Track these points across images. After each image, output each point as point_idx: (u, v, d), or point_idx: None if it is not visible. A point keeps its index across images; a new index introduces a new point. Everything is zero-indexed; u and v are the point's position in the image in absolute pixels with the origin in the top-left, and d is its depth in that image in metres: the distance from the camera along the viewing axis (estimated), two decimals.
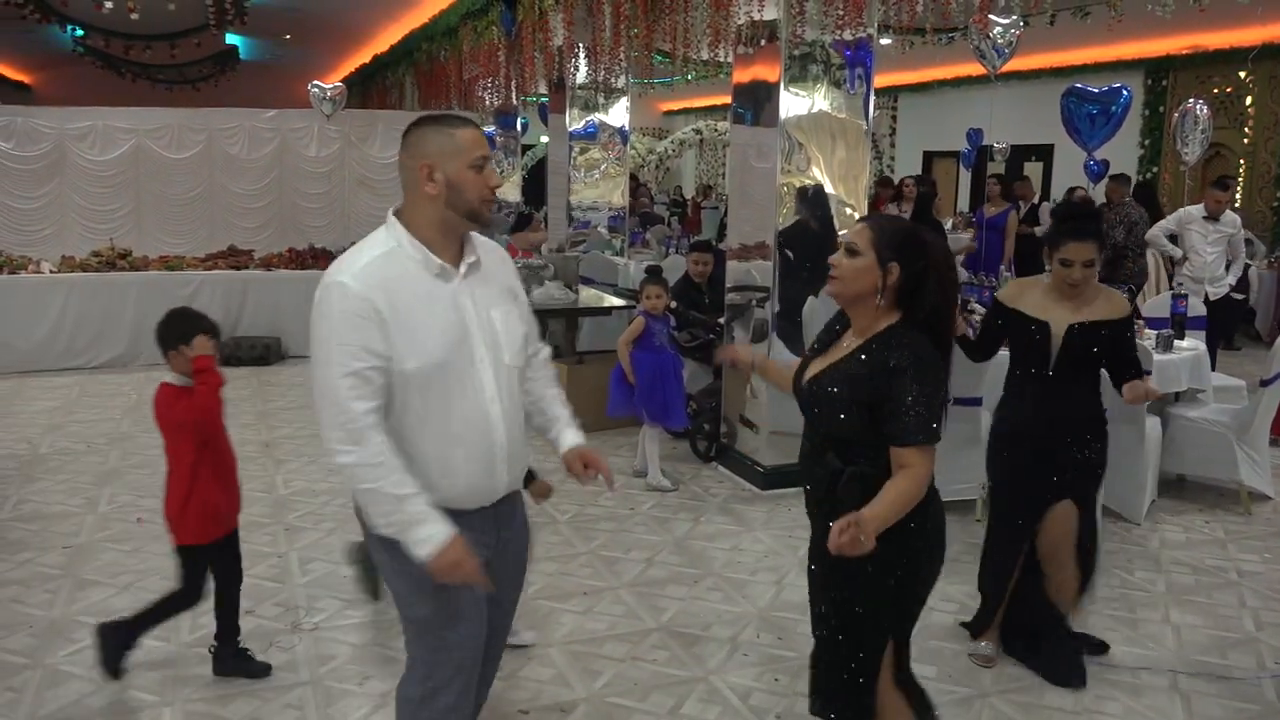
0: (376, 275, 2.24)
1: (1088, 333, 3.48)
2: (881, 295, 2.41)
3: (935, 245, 2.43)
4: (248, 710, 3.38)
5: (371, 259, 2.27)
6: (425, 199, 2.30)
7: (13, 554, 4.69)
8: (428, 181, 2.28)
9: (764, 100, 5.79)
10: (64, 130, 9.95)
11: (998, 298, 3.77)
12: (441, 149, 2.28)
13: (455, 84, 12.50)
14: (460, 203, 2.30)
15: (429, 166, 2.28)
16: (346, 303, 2.21)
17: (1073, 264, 3.46)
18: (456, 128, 2.32)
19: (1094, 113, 8.22)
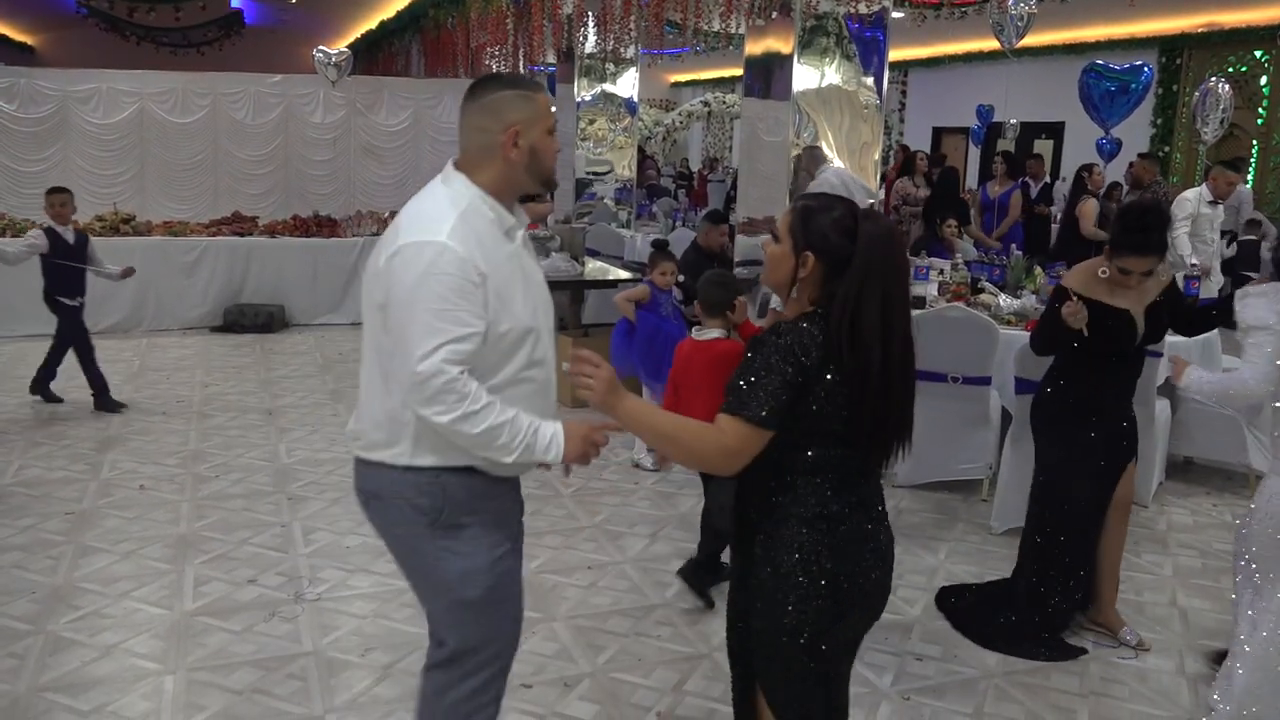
0: (470, 235, 2.17)
1: (1159, 310, 3.70)
2: (794, 288, 2.10)
3: (870, 235, 2.03)
4: (250, 679, 3.37)
5: (458, 215, 2.19)
6: (504, 162, 2.26)
7: (15, 520, 4.67)
8: (512, 147, 2.25)
9: (776, 73, 5.72)
10: (67, 93, 9.87)
11: (1068, 287, 3.67)
12: (527, 115, 2.26)
13: (462, 52, 12.38)
14: (539, 168, 2.30)
15: (516, 132, 2.24)
16: (447, 263, 2.11)
17: (1131, 274, 3.56)
18: (536, 93, 2.31)
19: (1112, 90, 8.12)
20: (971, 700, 3.38)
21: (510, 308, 2.20)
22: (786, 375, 2.00)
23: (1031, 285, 5.99)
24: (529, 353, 2.26)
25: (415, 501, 2.25)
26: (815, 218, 2.09)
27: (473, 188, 2.25)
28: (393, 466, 2.25)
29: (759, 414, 2.00)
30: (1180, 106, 13.04)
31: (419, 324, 2.10)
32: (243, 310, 9.00)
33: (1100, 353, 3.65)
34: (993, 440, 5.17)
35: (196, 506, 4.88)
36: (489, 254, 2.18)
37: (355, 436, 2.34)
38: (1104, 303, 3.60)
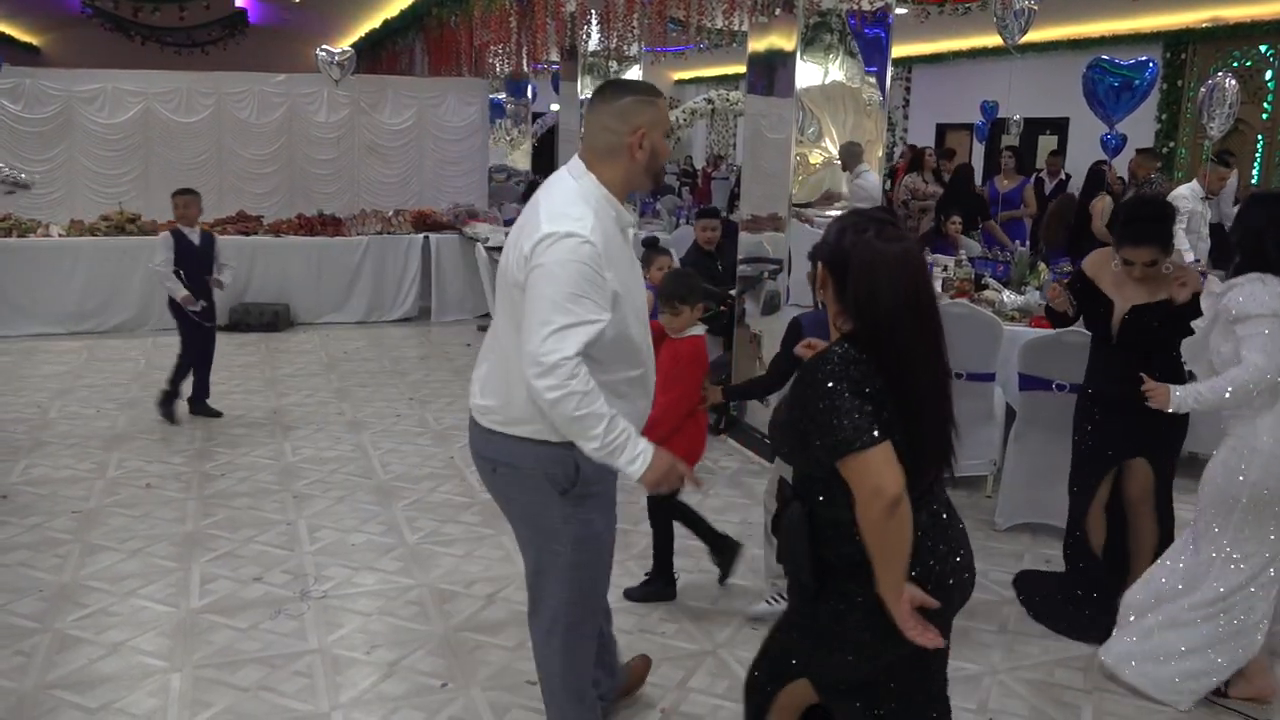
0: (598, 230, 2.38)
1: (1145, 315, 3.66)
2: (819, 301, 2.15)
3: (860, 255, 2.00)
4: (256, 677, 3.38)
5: (593, 212, 2.41)
6: (629, 162, 2.49)
7: (22, 518, 4.69)
8: (639, 148, 2.48)
9: (779, 70, 5.72)
10: (72, 93, 9.89)
11: (1082, 265, 3.95)
12: (652, 119, 2.49)
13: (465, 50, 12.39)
14: (656, 168, 2.54)
15: (643, 134, 2.47)
16: (585, 254, 2.32)
17: (1133, 264, 3.63)
18: (658, 98, 2.53)
19: (1116, 85, 8.10)
20: (975, 696, 3.38)
21: (629, 297, 2.44)
22: (844, 392, 1.97)
23: (1035, 281, 5.98)
24: (637, 347, 2.50)
25: (550, 472, 2.48)
26: (832, 232, 2.11)
27: (600, 187, 2.48)
28: (530, 440, 2.47)
29: (862, 437, 1.94)
30: (1185, 102, 13.00)
31: (550, 304, 2.30)
32: (248, 309, 9.01)
33: (1095, 340, 3.87)
34: (997, 437, 5.17)
35: (202, 505, 4.90)
36: (616, 251, 2.43)
37: (486, 411, 2.55)
38: (1098, 286, 3.78)
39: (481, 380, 2.58)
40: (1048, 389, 4.51)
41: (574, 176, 2.50)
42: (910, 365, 2.01)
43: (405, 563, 4.28)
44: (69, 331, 8.60)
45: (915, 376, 2.02)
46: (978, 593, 4.06)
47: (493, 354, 2.57)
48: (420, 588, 4.06)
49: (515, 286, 2.41)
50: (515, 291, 2.41)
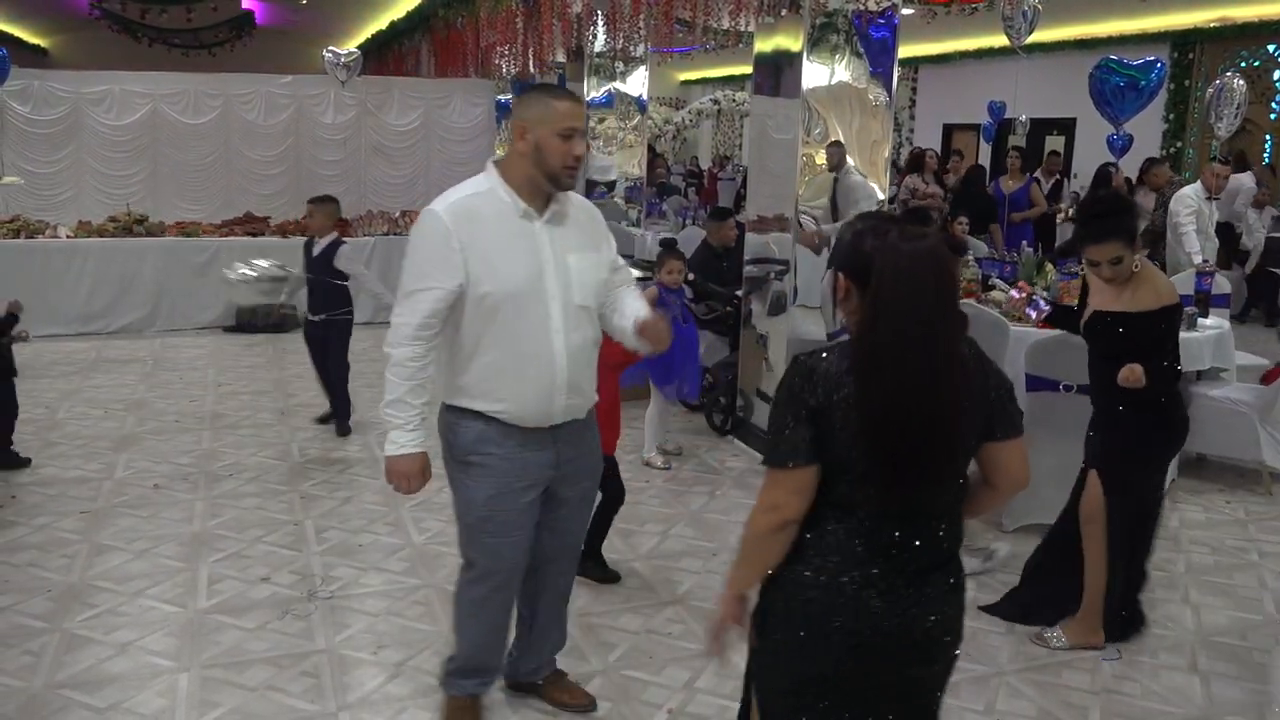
0: (464, 209, 2.62)
1: (1104, 323, 3.53)
2: (836, 307, 2.03)
3: (885, 257, 1.87)
4: (263, 677, 3.39)
5: (466, 195, 2.66)
6: (517, 154, 2.66)
7: (30, 519, 4.71)
8: (520, 140, 2.64)
9: (786, 71, 5.71)
10: (80, 94, 9.91)
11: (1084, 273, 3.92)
12: (539, 114, 2.63)
13: (472, 51, 12.39)
14: (543, 164, 2.63)
15: (523, 127, 2.63)
16: (430, 227, 2.61)
17: (1099, 264, 3.47)
18: (555, 98, 2.66)
19: (1122, 85, 8.08)
20: (983, 697, 3.37)
21: (495, 273, 2.61)
22: (794, 409, 1.92)
23: (1043, 282, 5.97)
24: (511, 319, 2.63)
25: (444, 435, 2.81)
26: (847, 240, 1.98)
27: (495, 176, 2.67)
28: (444, 402, 2.81)
29: (776, 456, 1.94)
30: (1192, 102, 12.96)
31: (404, 274, 2.66)
32: (255, 310, 9.02)
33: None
34: None
35: (210, 505, 4.91)
36: (490, 228, 2.62)
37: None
38: (1086, 289, 3.75)
39: None
40: (1055, 389, 4.50)
41: (484, 171, 2.74)
42: (895, 382, 1.86)
43: (412, 563, 4.29)
44: (77, 332, 8.63)
45: (914, 396, 1.86)
46: (984, 594, 4.09)
47: None
48: (427, 588, 4.06)
49: None
50: None
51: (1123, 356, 3.44)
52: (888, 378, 1.85)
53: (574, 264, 2.73)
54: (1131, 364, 3.38)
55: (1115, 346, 3.50)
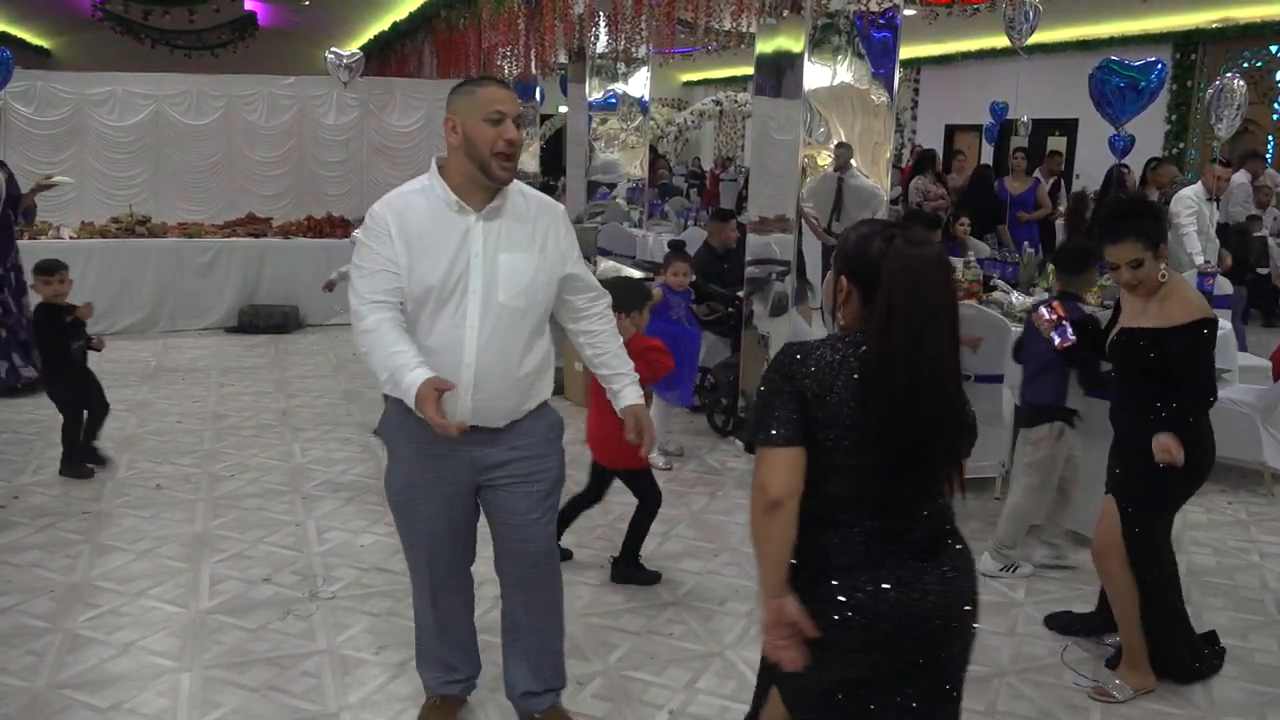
0: (399, 204, 2.68)
1: (1132, 340, 3.29)
2: (835, 311, 2.08)
3: (895, 260, 1.93)
4: (265, 677, 3.39)
5: (403, 192, 2.74)
6: (452, 150, 2.68)
7: (33, 519, 4.72)
8: (451, 133, 2.66)
9: (787, 72, 5.72)
10: (83, 95, 9.93)
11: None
12: (464, 104, 2.65)
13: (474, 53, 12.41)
14: (474, 153, 2.62)
15: (453, 120, 2.65)
16: (372, 221, 2.69)
17: (1118, 267, 3.26)
18: (480, 86, 2.67)
19: (1122, 86, 8.08)
20: (984, 698, 3.37)
21: (419, 266, 2.63)
22: (786, 390, 1.98)
23: (1044, 283, 5.97)
24: (433, 309, 2.64)
25: (384, 421, 2.92)
26: (852, 243, 2.04)
27: (434, 175, 2.71)
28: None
29: (769, 433, 1.97)
30: (1194, 103, 12.96)
31: (353, 267, 2.71)
32: (257, 311, 9.04)
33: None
34: (1006, 438, 5.15)
35: (212, 506, 4.92)
36: (420, 222, 2.65)
37: None
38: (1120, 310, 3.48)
39: None
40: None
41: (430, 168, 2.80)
42: (905, 376, 1.91)
43: None
44: None
45: (919, 394, 1.92)
46: (986, 595, 4.07)
47: None
48: None
49: None
50: None
51: (1152, 378, 3.25)
52: (899, 378, 1.90)
53: (504, 262, 2.66)
54: (1166, 439, 3.15)
55: (1143, 365, 3.26)
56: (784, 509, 1.96)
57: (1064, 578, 4.31)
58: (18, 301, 6.95)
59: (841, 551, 2.00)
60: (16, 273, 6.92)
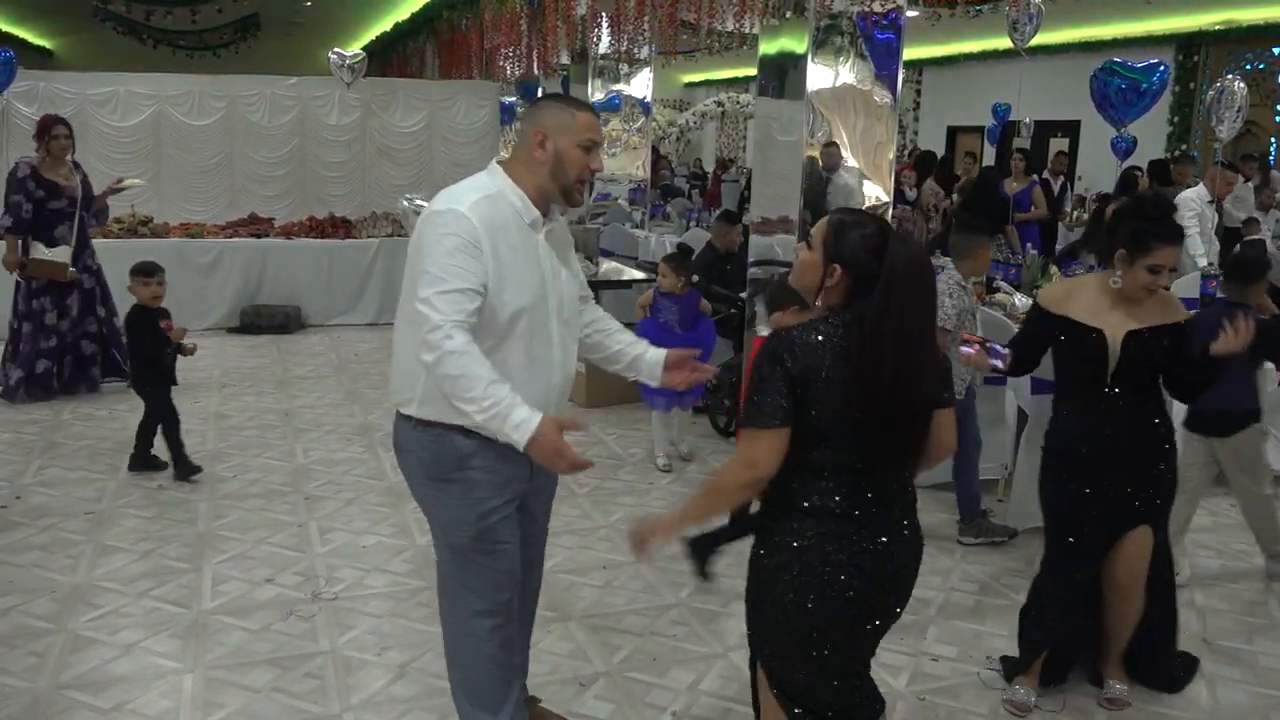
0: (488, 215, 2.46)
1: (1147, 341, 3.08)
2: (819, 295, 2.22)
3: (896, 256, 2.12)
4: (268, 678, 3.39)
5: (480, 197, 2.48)
6: (533, 162, 2.54)
7: (35, 519, 4.71)
8: (538, 148, 2.53)
9: (790, 73, 5.71)
10: (85, 96, 9.92)
11: (1040, 302, 3.33)
12: (559, 123, 2.53)
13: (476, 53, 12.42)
14: (561, 175, 2.54)
15: (543, 135, 2.53)
16: (459, 227, 2.41)
17: (1161, 270, 3.01)
18: (578, 110, 2.57)
19: (1123, 87, 8.07)
20: (987, 701, 3.37)
21: (513, 284, 2.48)
22: (775, 375, 2.14)
23: (1046, 284, 5.97)
24: (524, 331, 2.52)
25: (421, 456, 2.59)
26: (848, 233, 2.19)
27: (506, 179, 2.54)
28: (408, 419, 2.60)
29: (758, 417, 2.14)
30: (1197, 105, 12.94)
31: (426, 275, 2.40)
32: (259, 311, 9.04)
33: (1073, 386, 3.23)
34: (1008, 440, 5.16)
35: (214, 506, 4.91)
36: (504, 235, 2.47)
37: (392, 392, 2.67)
38: (1073, 319, 3.15)
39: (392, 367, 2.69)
40: None
41: (486, 172, 2.59)
42: (893, 359, 2.10)
43: (416, 564, 4.29)
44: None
45: (904, 377, 2.11)
46: (991, 598, 4.09)
47: (396, 336, 2.67)
48: (431, 589, 4.03)
49: (410, 265, 2.53)
50: (409, 269, 2.54)
51: (1156, 377, 3.13)
52: (890, 359, 2.09)
53: (564, 278, 2.65)
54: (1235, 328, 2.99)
55: (1155, 367, 3.11)
56: (760, 485, 2.20)
57: None
58: (106, 305, 6.96)
59: (830, 515, 2.18)
60: (94, 275, 6.89)
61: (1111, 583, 3.26)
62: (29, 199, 6.48)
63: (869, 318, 2.10)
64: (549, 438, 2.32)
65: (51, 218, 6.57)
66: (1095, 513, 3.18)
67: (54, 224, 6.58)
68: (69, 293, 6.70)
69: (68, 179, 6.67)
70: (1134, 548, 3.21)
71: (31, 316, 6.63)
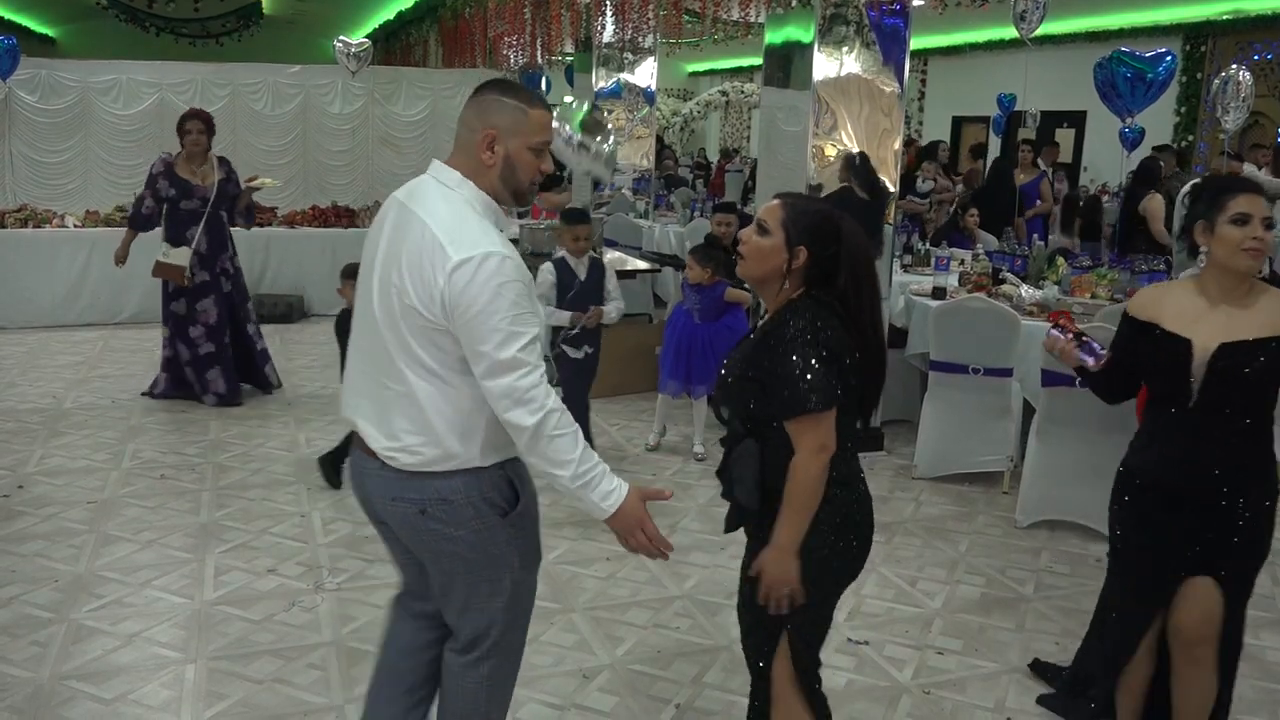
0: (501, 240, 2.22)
1: (1241, 355, 2.56)
2: (786, 279, 2.27)
3: (852, 232, 2.27)
4: (270, 669, 3.38)
5: (489, 225, 2.23)
6: (481, 165, 2.26)
7: (38, 508, 4.70)
8: (486, 150, 2.25)
9: (796, 62, 5.68)
10: (88, 84, 9.89)
11: (1127, 310, 2.84)
12: (512, 123, 2.24)
13: (480, 42, 12.37)
14: (512, 180, 2.28)
15: (493, 136, 2.24)
16: (514, 272, 2.16)
17: (1249, 219, 2.55)
18: (531, 106, 2.27)
19: (1129, 76, 8.02)
20: (993, 694, 3.36)
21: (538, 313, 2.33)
22: (821, 358, 2.20)
23: (1054, 276, 5.93)
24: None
25: (489, 497, 2.29)
26: (807, 215, 2.28)
27: (475, 190, 2.26)
28: (461, 471, 2.25)
29: (814, 400, 2.19)
30: (1204, 95, 12.88)
31: (501, 331, 2.12)
32: (262, 300, 9.00)
33: (1158, 404, 2.74)
34: (1014, 432, 5.13)
35: (217, 496, 4.90)
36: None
37: (404, 451, 2.25)
38: (1160, 327, 2.68)
39: (378, 420, 2.29)
40: (1071, 384, 4.47)
41: (450, 186, 2.26)
42: (872, 329, 2.32)
43: None
44: (84, 322, 8.62)
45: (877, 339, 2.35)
46: (994, 590, 4.07)
47: (387, 390, 2.27)
48: None
49: (413, 313, 2.18)
50: (414, 318, 2.18)
51: (1257, 398, 2.62)
52: (869, 328, 2.30)
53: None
54: None
55: (1251, 386, 2.59)
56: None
57: (1070, 573, 4.29)
58: (242, 310, 6.58)
59: (854, 475, 2.36)
60: (231, 278, 6.48)
61: (1174, 634, 2.78)
62: (155, 196, 6.23)
63: (849, 293, 2.26)
64: (636, 512, 2.23)
65: (184, 218, 6.23)
66: (1150, 544, 2.76)
67: (186, 224, 6.22)
68: (203, 296, 6.31)
69: (203, 178, 6.32)
70: (1194, 601, 2.72)
71: (169, 320, 6.39)
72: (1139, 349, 2.74)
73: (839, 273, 2.25)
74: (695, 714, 3.22)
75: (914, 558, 4.41)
